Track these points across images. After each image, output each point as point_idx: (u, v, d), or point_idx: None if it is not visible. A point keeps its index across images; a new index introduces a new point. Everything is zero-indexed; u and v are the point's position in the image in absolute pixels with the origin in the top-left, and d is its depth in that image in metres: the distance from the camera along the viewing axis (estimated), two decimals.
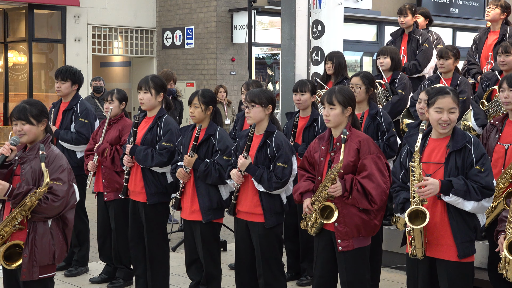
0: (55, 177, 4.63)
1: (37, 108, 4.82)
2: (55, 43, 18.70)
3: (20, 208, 4.57)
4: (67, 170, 4.71)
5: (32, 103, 4.86)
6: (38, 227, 4.65)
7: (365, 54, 20.87)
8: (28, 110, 4.78)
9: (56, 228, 4.73)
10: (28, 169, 4.69)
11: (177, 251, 8.58)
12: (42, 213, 4.60)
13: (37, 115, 4.80)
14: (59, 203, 4.60)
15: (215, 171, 5.90)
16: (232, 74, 18.34)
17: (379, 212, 5.26)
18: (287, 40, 9.30)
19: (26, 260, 4.63)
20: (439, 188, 4.64)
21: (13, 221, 4.60)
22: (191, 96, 6.12)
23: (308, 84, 7.04)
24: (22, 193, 4.58)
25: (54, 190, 4.61)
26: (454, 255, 4.74)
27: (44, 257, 4.66)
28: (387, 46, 8.54)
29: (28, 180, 4.66)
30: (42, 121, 4.82)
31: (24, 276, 4.63)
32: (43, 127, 4.83)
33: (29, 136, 4.77)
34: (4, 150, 4.72)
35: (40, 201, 4.56)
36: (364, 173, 5.13)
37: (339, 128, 5.29)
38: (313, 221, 5.28)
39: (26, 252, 4.63)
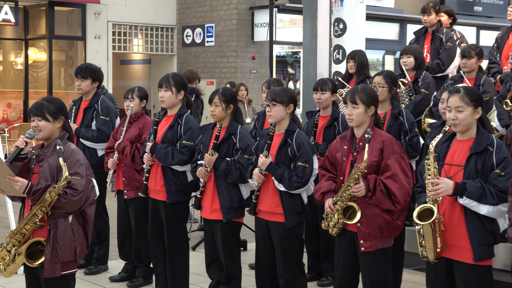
0: (73, 171, 4.66)
1: (55, 106, 4.84)
2: (75, 40, 18.79)
3: (40, 205, 4.59)
4: (84, 164, 4.73)
5: (51, 100, 4.88)
6: (59, 223, 4.67)
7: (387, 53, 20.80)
8: (45, 107, 4.81)
9: (77, 224, 4.75)
10: (46, 166, 4.72)
11: (197, 250, 8.60)
12: (62, 208, 4.62)
13: (54, 112, 4.81)
14: (78, 197, 4.62)
15: (236, 170, 5.91)
16: (252, 73, 18.34)
17: (402, 212, 5.25)
18: (308, 38, 9.29)
19: (48, 256, 4.66)
20: (452, 189, 4.61)
21: (34, 218, 4.63)
22: (212, 94, 6.13)
23: (329, 83, 7.04)
24: (41, 189, 4.60)
25: (73, 184, 4.63)
26: (470, 257, 4.71)
27: (65, 253, 4.69)
28: (410, 45, 8.51)
29: (46, 177, 4.69)
30: (58, 118, 4.83)
31: (46, 273, 4.66)
32: (60, 125, 4.84)
33: (44, 133, 4.80)
34: (18, 143, 4.75)
35: (60, 196, 4.59)
36: (388, 173, 5.13)
37: (362, 128, 5.29)
38: (335, 221, 5.28)
39: (48, 248, 4.65)
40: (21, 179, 4.64)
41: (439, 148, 4.85)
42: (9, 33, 19.08)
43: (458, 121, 4.74)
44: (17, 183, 4.62)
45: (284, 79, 20.05)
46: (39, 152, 4.81)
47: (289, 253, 5.77)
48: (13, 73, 19.69)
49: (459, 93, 4.78)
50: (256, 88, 18.03)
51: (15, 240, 4.68)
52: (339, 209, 5.21)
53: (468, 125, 4.76)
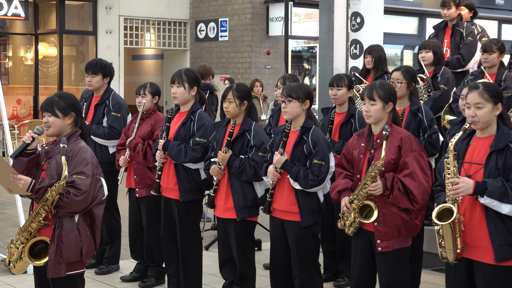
0: (78, 170, 4.63)
1: (66, 101, 4.83)
2: (86, 35, 18.87)
3: (42, 203, 4.59)
4: (91, 163, 4.70)
5: (62, 96, 4.87)
6: (64, 222, 4.65)
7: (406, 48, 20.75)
8: (55, 102, 4.80)
9: (84, 223, 4.73)
10: (53, 164, 4.72)
11: (210, 250, 8.62)
12: (65, 208, 4.60)
13: (64, 108, 4.80)
14: (81, 197, 4.58)
15: (250, 167, 5.92)
16: (267, 68, 18.34)
17: (420, 212, 5.24)
18: (325, 33, 9.28)
19: (52, 256, 4.65)
20: (472, 189, 4.58)
21: (38, 217, 4.63)
22: (225, 90, 6.14)
23: (345, 78, 7.03)
24: (44, 187, 4.59)
25: (77, 184, 4.60)
26: (491, 258, 4.67)
27: (70, 253, 4.67)
28: (429, 40, 8.49)
29: (52, 174, 4.69)
30: (68, 114, 4.81)
31: (50, 273, 4.66)
32: (70, 121, 4.82)
33: (54, 129, 4.80)
34: (25, 138, 4.76)
35: (62, 196, 4.57)
36: (406, 172, 5.12)
37: (380, 125, 5.28)
38: (351, 220, 5.28)
39: (52, 248, 4.64)
40: (24, 177, 4.64)
41: (458, 146, 4.83)
42: (19, 28, 19.18)
43: (477, 118, 4.70)
44: (20, 181, 4.62)
45: (299, 75, 20.04)
46: (49, 148, 4.83)
47: (304, 253, 5.77)
48: (23, 68, 19.80)
49: (478, 89, 4.75)
50: (271, 84, 18.03)
51: (23, 238, 4.69)
52: (355, 208, 5.21)
53: (487, 122, 4.72)
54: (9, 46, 19.90)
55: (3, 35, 19.60)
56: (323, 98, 9.00)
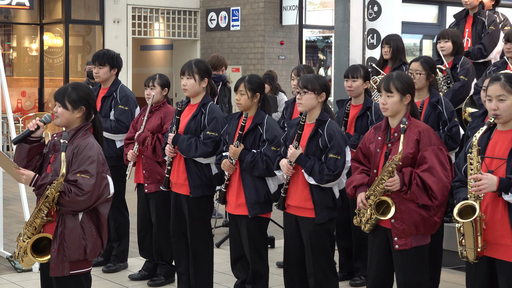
0: (82, 169, 4.62)
1: (78, 94, 4.82)
2: (92, 25, 18.90)
3: (44, 200, 4.61)
4: (97, 162, 4.68)
5: (76, 87, 4.86)
6: (67, 220, 4.65)
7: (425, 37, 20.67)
8: (67, 93, 4.80)
9: (88, 221, 4.73)
10: (58, 158, 4.72)
11: (221, 247, 8.64)
12: (67, 206, 4.61)
13: (74, 100, 4.79)
14: (83, 197, 4.58)
15: (262, 162, 5.93)
16: (281, 59, 18.33)
17: (440, 208, 5.24)
18: (340, 22, 9.28)
19: (54, 255, 4.65)
20: (496, 185, 4.55)
21: (40, 213, 4.65)
22: (237, 82, 6.14)
23: (361, 69, 7.03)
24: (46, 183, 4.60)
25: (79, 183, 4.59)
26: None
27: (73, 252, 4.67)
28: (448, 29, 8.46)
29: (56, 170, 4.69)
30: (78, 108, 4.80)
31: (53, 272, 4.66)
32: (79, 115, 4.81)
33: (61, 120, 4.80)
34: (30, 125, 4.77)
35: (63, 194, 4.57)
36: (424, 166, 5.11)
37: (397, 117, 5.28)
38: (367, 217, 5.28)
39: (54, 246, 4.64)
40: (26, 172, 4.66)
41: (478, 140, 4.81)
42: (24, 18, 19.24)
43: (499, 112, 4.67)
44: (22, 176, 4.66)
45: (314, 66, 20.02)
46: (56, 141, 4.83)
47: (319, 250, 5.78)
48: (27, 59, 19.87)
49: (499, 81, 4.71)
50: (285, 75, 18.02)
51: (29, 233, 4.71)
52: (371, 204, 5.21)
53: (511, 114, 4.70)
54: (13, 36, 19.97)
55: (7, 25, 19.67)
56: (338, 90, 9.01)
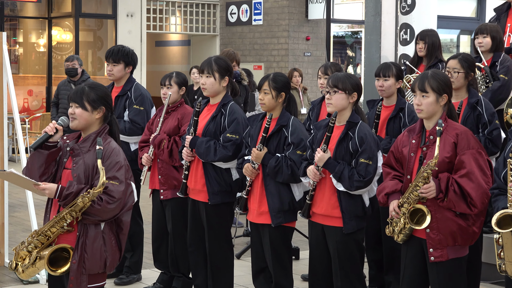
0: (111, 175, 4.67)
1: (97, 93, 4.86)
2: (104, 19, 18.99)
3: (70, 209, 4.63)
4: (124, 167, 4.76)
5: (94, 87, 4.90)
6: (89, 230, 4.69)
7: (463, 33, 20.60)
8: (85, 93, 4.84)
9: (109, 232, 4.78)
10: (81, 164, 4.75)
11: (242, 259, 8.65)
12: (95, 215, 4.65)
13: (94, 100, 4.83)
14: (114, 205, 4.64)
15: (287, 167, 5.93)
16: (306, 55, 18.33)
17: (479, 217, 5.22)
18: (371, 16, 9.27)
19: (74, 267, 4.68)
20: None
21: (62, 222, 4.67)
22: (261, 80, 6.16)
23: (393, 67, 7.02)
24: (73, 193, 4.63)
25: (110, 190, 4.64)
26: None
27: (94, 264, 4.72)
28: (487, 24, 8.43)
29: (80, 176, 4.72)
30: (98, 108, 4.84)
31: (71, 285, 4.69)
32: (99, 116, 4.85)
33: (80, 122, 4.83)
34: (48, 129, 4.79)
35: (94, 203, 4.61)
36: (462, 171, 5.10)
37: (433, 119, 5.27)
38: (401, 226, 5.27)
39: (75, 258, 4.67)
40: (48, 186, 4.69)
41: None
42: (31, 11, 19.36)
43: None
44: (45, 191, 4.69)
45: (342, 63, 20.01)
46: (75, 145, 4.85)
47: (347, 262, 5.78)
48: (34, 56, 19.99)
49: None
50: (311, 74, 18.02)
51: (38, 242, 4.73)
52: (405, 213, 5.21)
53: None
54: (20, 31, 20.10)
55: (13, 19, 19.80)
56: (369, 90, 9.00)
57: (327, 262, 5.88)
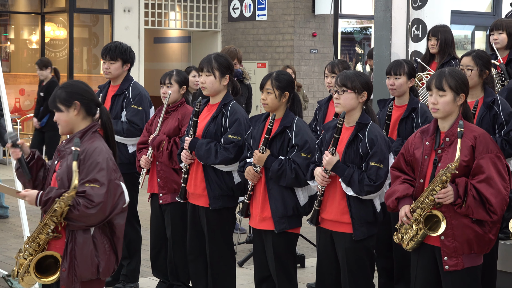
0: (91, 178, 4.62)
1: (66, 90, 4.82)
2: (100, 14, 18.99)
3: (50, 215, 4.61)
4: (107, 168, 4.68)
5: (64, 85, 4.87)
6: (77, 236, 4.66)
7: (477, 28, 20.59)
8: (56, 95, 4.83)
9: (101, 236, 4.75)
10: (64, 167, 4.74)
11: (244, 267, 8.65)
12: (76, 221, 4.62)
13: (65, 99, 4.80)
14: (94, 210, 4.58)
15: (290, 171, 5.92)
16: (313, 53, 18.32)
17: (495, 224, 5.21)
18: (381, 11, 9.26)
19: (64, 275, 4.66)
20: None
21: (46, 228, 4.66)
22: (264, 79, 6.15)
23: (405, 65, 7.02)
24: (51, 198, 4.61)
25: (88, 194, 4.59)
26: None
27: (85, 271, 4.69)
28: (503, 19, 8.43)
29: (63, 180, 4.71)
30: (72, 105, 4.79)
31: None
32: (76, 112, 4.79)
33: (62, 126, 4.82)
34: (13, 155, 4.80)
35: (72, 207, 4.57)
36: (481, 176, 5.09)
37: (449, 120, 5.26)
38: (413, 233, 5.25)
39: (65, 265, 4.65)
40: (28, 193, 4.70)
41: None
42: (23, 6, 19.38)
43: None
44: (25, 198, 4.71)
45: (350, 61, 20.00)
46: (60, 147, 4.85)
47: (357, 271, 5.77)
48: (26, 53, 20.01)
49: None
50: (317, 72, 18.01)
51: (32, 249, 4.73)
52: (418, 218, 5.19)
53: None
54: (11, 27, 20.12)
55: (4, 14, 19.83)
56: (379, 89, 8.97)
57: (336, 271, 5.88)
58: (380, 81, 8.84)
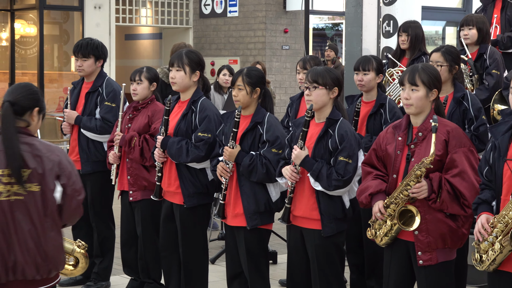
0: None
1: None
2: (71, 11, 18.90)
3: None
4: None
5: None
6: None
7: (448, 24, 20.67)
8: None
9: None
10: None
11: (216, 263, 8.64)
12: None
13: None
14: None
15: (261, 166, 5.91)
16: (284, 49, 18.32)
17: (468, 219, 5.23)
18: (352, 7, 9.27)
19: None
20: None
21: None
22: (235, 76, 6.14)
23: (373, 61, 7.03)
24: None
25: None
26: None
27: None
28: (472, 14, 8.47)
29: None
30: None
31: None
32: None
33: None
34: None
35: None
36: (455, 171, 5.10)
37: (421, 115, 5.27)
38: (387, 228, 5.26)
39: None
40: None
41: (498, 140, 4.81)
42: None
43: None
44: None
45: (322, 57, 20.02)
46: None
47: (327, 267, 5.77)
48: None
49: None
50: (289, 68, 18.02)
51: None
52: (392, 214, 5.20)
53: None
54: None
55: None
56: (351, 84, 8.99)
57: (306, 267, 5.87)
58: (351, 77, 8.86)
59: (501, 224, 4.64)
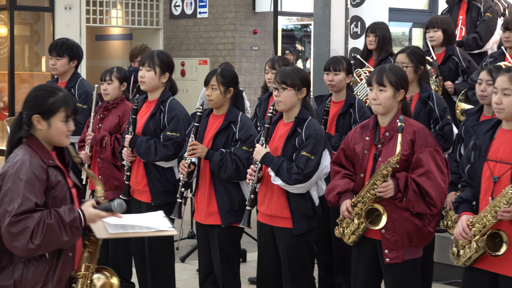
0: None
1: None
2: (41, 11, 18.77)
3: None
4: None
5: None
6: None
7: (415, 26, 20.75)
8: None
9: None
10: None
11: (186, 262, 8.62)
12: None
13: None
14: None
15: (231, 162, 5.90)
16: (254, 50, 18.33)
17: (434, 217, 5.25)
18: (320, 9, 9.31)
19: None
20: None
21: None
22: (208, 75, 6.13)
23: (343, 61, 7.05)
24: None
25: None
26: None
27: None
28: (438, 16, 8.53)
29: None
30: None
31: None
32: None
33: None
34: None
35: None
36: (421, 170, 5.12)
37: (388, 115, 5.29)
38: (354, 227, 5.27)
39: None
40: None
41: (479, 140, 4.84)
42: None
43: (502, 106, 4.72)
44: None
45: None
46: None
47: (297, 265, 5.78)
48: None
49: (509, 73, 4.75)
50: (258, 68, 18.03)
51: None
52: (359, 212, 5.22)
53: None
54: None
55: None
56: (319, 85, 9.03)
57: (277, 265, 5.87)
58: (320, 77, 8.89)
59: (479, 225, 4.71)
